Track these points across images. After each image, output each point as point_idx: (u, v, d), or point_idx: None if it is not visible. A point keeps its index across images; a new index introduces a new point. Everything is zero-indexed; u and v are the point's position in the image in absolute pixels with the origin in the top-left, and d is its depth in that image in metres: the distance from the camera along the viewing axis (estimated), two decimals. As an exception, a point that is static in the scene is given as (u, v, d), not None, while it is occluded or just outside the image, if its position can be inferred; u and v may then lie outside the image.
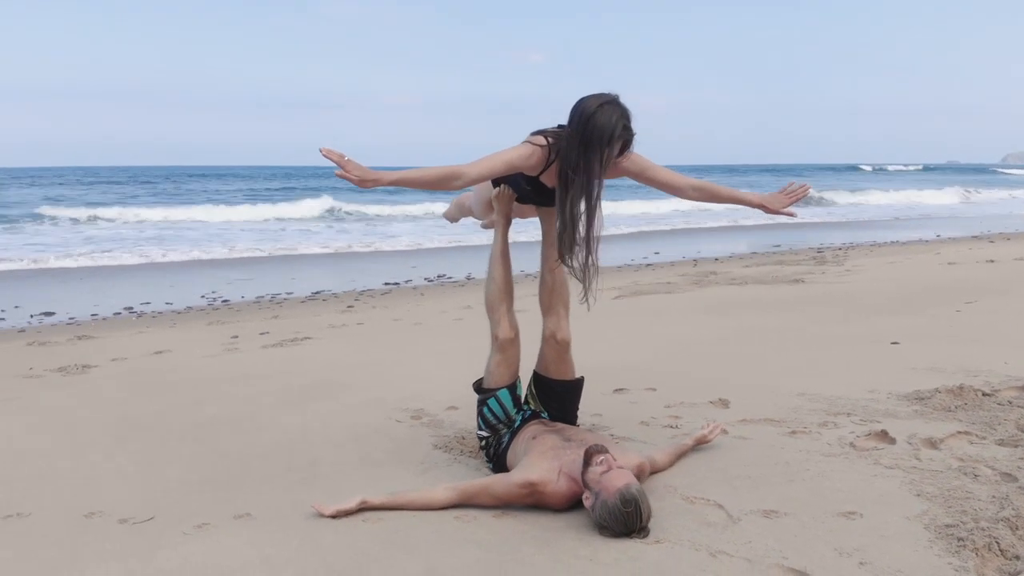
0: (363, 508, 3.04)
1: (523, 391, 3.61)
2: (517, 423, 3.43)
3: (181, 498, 3.29)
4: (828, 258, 12.31)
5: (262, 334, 7.32)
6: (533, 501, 3.01)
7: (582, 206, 3.10)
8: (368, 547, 2.78)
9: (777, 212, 3.50)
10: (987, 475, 3.20)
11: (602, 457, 2.88)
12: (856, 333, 6.17)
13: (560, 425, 3.38)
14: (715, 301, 8.27)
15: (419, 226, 21.05)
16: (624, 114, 3.07)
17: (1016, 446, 3.53)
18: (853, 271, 10.37)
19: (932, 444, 3.60)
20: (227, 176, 60.75)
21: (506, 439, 3.37)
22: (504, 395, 3.45)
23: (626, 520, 2.74)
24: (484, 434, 3.48)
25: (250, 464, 3.71)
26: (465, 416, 4.31)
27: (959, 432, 3.73)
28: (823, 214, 25.97)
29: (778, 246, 15.47)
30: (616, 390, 4.77)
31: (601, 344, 6.19)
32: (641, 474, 3.14)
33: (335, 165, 2.81)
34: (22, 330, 8.19)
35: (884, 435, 3.74)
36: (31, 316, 9.01)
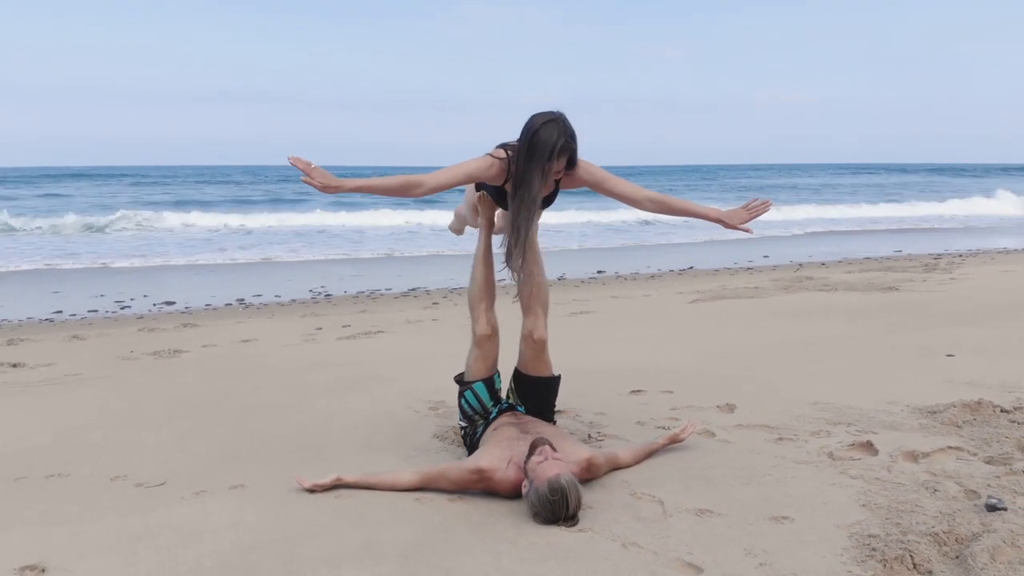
0: (337, 484, 3.37)
1: (503, 386, 3.83)
2: (493, 415, 3.67)
3: (195, 468, 3.74)
4: (940, 265, 11.72)
5: (344, 327, 7.85)
6: (484, 487, 3.25)
7: (522, 215, 3.30)
8: (326, 519, 3.11)
9: (735, 227, 3.56)
10: (950, 491, 3.17)
11: (540, 448, 3.08)
12: (917, 343, 5.99)
13: (527, 419, 3.59)
14: (793, 307, 8.13)
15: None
16: (565, 131, 3.25)
17: (1004, 464, 3.45)
18: (958, 279, 9.86)
19: (913, 458, 3.57)
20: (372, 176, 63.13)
21: (480, 429, 3.62)
22: (480, 388, 3.70)
23: (553, 507, 2.93)
24: (463, 424, 3.74)
25: (267, 443, 4.13)
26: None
27: (950, 447, 3.67)
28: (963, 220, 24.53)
29: (899, 251, 14.78)
30: (633, 391, 4.90)
31: (646, 346, 6.30)
32: (590, 469, 3.31)
33: (302, 172, 3.11)
34: (140, 317, 9.12)
35: (868, 446, 3.73)
36: (153, 304, 9.99)
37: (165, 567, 2.72)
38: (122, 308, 9.83)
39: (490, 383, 3.72)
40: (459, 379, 3.79)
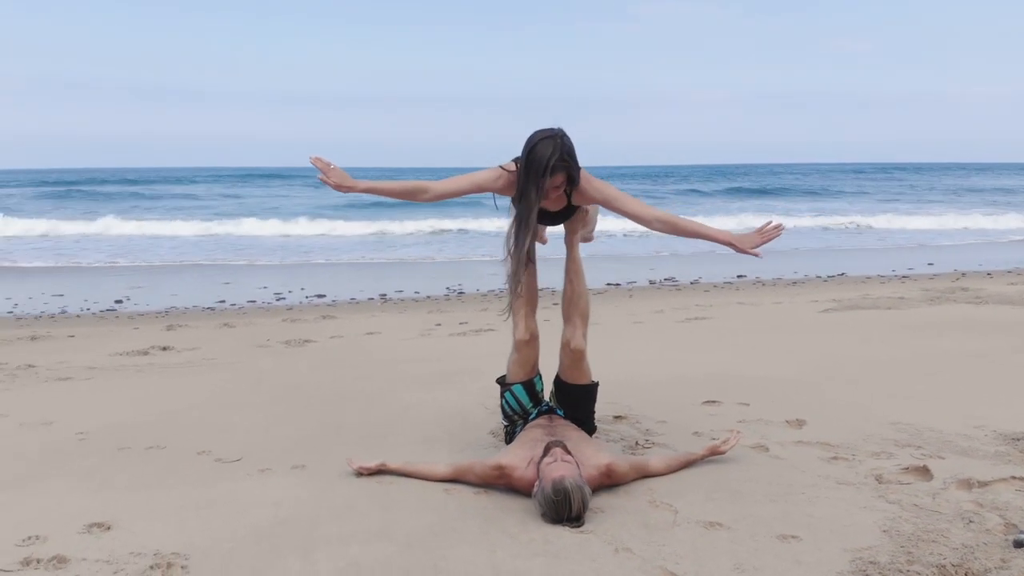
0: (381, 470, 3.64)
1: (545, 388, 3.96)
2: (532, 416, 3.81)
3: (270, 448, 4.13)
4: None
5: (460, 323, 8.20)
6: (505, 483, 3.40)
7: (520, 229, 3.40)
8: (359, 501, 3.38)
9: (746, 252, 3.48)
10: (987, 523, 3.00)
11: (553, 450, 3.20)
12: (1046, 366, 5.51)
13: (560, 423, 3.69)
14: (930, 320, 7.64)
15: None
16: (560, 147, 3.32)
17: (1068, 501, 3.19)
18: None
19: (967, 486, 3.38)
20: None
21: (519, 429, 3.77)
22: (519, 390, 3.84)
23: (556, 508, 3.05)
24: (505, 423, 3.91)
25: (342, 428, 4.48)
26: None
27: (1014, 478, 3.44)
28: None
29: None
30: (707, 402, 4.86)
31: (745, 356, 6.18)
32: (610, 475, 3.37)
33: (320, 171, 3.35)
34: (290, 308, 9.91)
35: (924, 471, 3.56)
36: (305, 297, 10.81)
37: (206, 533, 3.08)
38: (278, 300, 10.71)
39: (529, 385, 3.85)
40: (500, 381, 3.96)
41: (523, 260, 3.51)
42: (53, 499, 3.43)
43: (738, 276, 12.46)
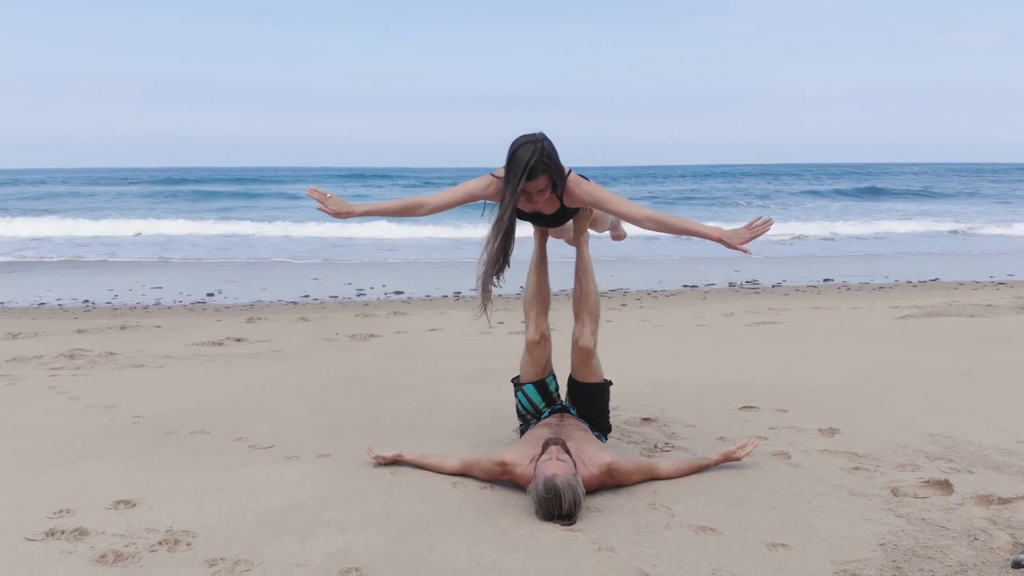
0: (397, 460, 3.77)
1: (561, 389, 3.99)
2: (545, 415, 3.85)
3: (303, 436, 4.32)
4: None
5: (521, 322, 8.27)
6: (508, 479, 3.46)
7: (493, 230, 3.42)
8: (368, 489, 3.51)
9: (736, 247, 3.41)
10: (995, 542, 2.89)
11: (550, 448, 3.24)
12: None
13: (570, 422, 3.72)
14: (1012, 329, 7.25)
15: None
16: (540, 152, 3.32)
17: (1094, 523, 3.02)
18: None
19: (985, 502, 3.24)
20: (674, 176, 62.30)
21: (532, 427, 3.82)
22: (530, 389, 3.89)
23: (547, 505, 3.09)
24: (520, 422, 3.97)
25: (377, 419, 4.64)
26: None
27: (1041, 496, 3.26)
28: None
29: None
30: (744, 407, 4.78)
31: (798, 362, 6.02)
32: (612, 475, 3.39)
33: (317, 200, 3.46)
34: (366, 304, 10.23)
35: (945, 485, 3.43)
36: (384, 294, 11.12)
37: (219, 513, 3.27)
38: (358, 295, 11.06)
39: (541, 385, 3.90)
40: (514, 381, 4.01)
41: (495, 259, 3.48)
42: (94, 476, 3.70)
43: (824, 280, 12.09)
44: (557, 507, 3.08)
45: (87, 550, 2.92)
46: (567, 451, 3.28)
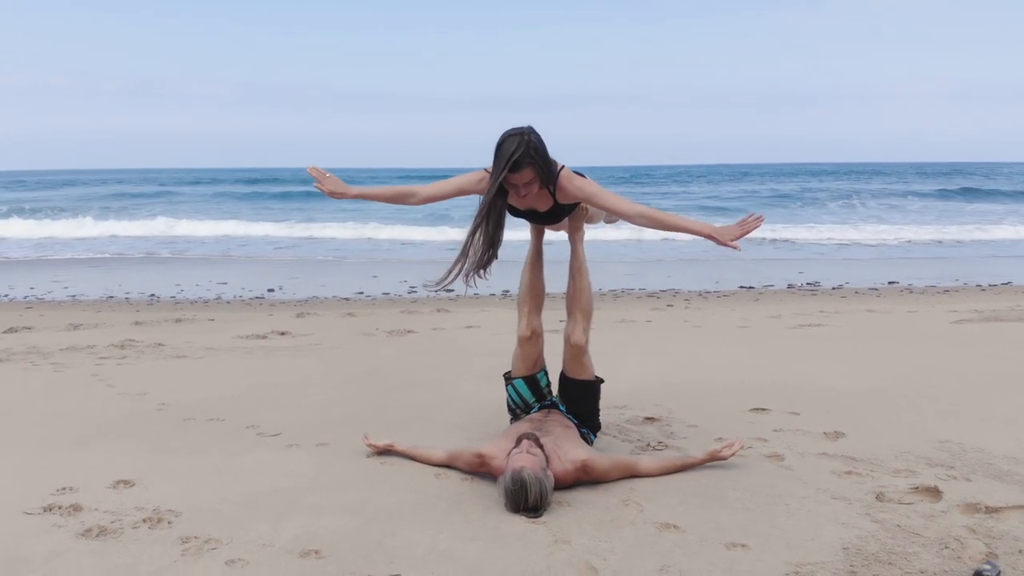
0: (389, 450, 3.87)
1: (550, 383, 4.01)
2: (535, 410, 3.88)
3: (310, 426, 4.46)
4: None
5: (560, 321, 8.28)
6: (486, 471, 3.51)
7: (474, 222, 3.44)
8: (355, 477, 3.62)
9: (726, 244, 3.36)
10: (967, 552, 2.80)
11: (523, 442, 3.28)
12: None
13: (557, 417, 3.74)
14: (1072, 337, 6.89)
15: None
16: (527, 144, 3.34)
17: (1082, 537, 2.89)
18: None
19: (971, 510, 3.14)
20: (756, 175, 60.56)
21: (516, 422, 3.86)
22: (520, 384, 3.93)
23: (513, 497, 3.13)
24: (511, 416, 4.01)
25: (385, 411, 4.75)
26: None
27: (1033, 507, 3.13)
28: None
29: None
30: (754, 409, 4.71)
31: (830, 366, 5.88)
32: (587, 471, 3.40)
33: (316, 179, 3.56)
34: (414, 300, 10.40)
35: (934, 492, 3.33)
36: (435, 291, 11.27)
37: (209, 494, 3.41)
38: (409, 292, 11.26)
39: (532, 381, 3.93)
40: (506, 375, 4.05)
41: (481, 252, 3.49)
42: (104, 458, 3.91)
43: (889, 282, 11.70)
44: (523, 499, 3.12)
45: (76, 525, 3.10)
46: (540, 446, 3.31)
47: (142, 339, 7.39)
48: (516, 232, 4.38)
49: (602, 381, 4.00)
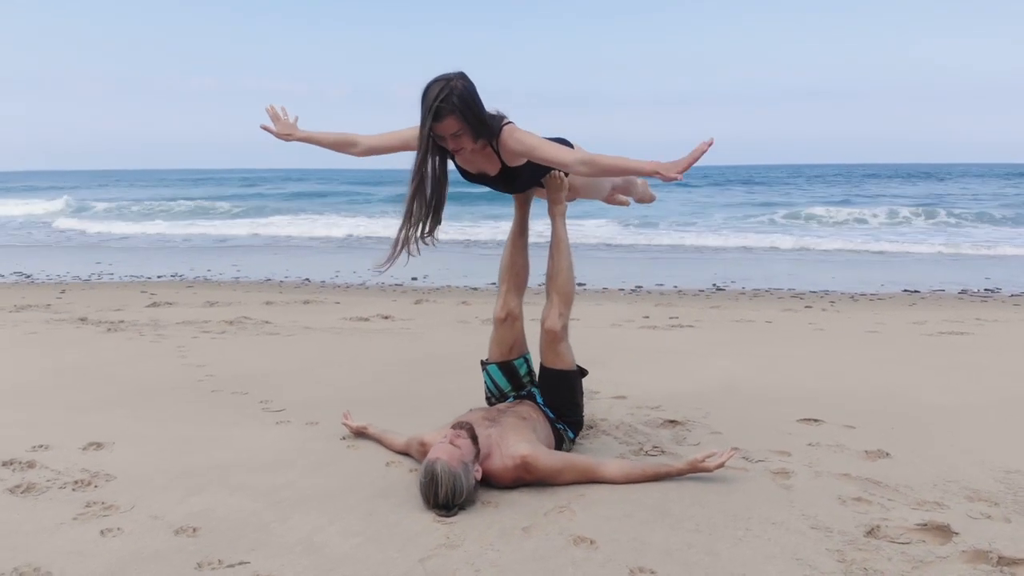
0: (362, 432, 3.70)
1: (531, 372, 3.64)
2: (511, 399, 3.53)
3: (315, 405, 4.35)
4: None
5: (671, 318, 7.73)
6: (430, 458, 3.22)
7: (410, 178, 3.08)
8: (319, 458, 3.50)
9: (670, 178, 2.84)
10: (931, 610, 2.15)
11: (449, 432, 2.96)
12: None
13: (523, 408, 3.37)
14: None
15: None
16: (447, 89, 2.94)
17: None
18: None
19: (980, 558, 2.50)
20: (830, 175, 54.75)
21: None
22: (494, 370, 3.59)
23: (423, 491, 2.85)
24: (486, 405, 3.67)
25: (398, 398, 4.57)
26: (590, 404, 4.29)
27: (1064, 564, 2.39)
28: None
29: None
30: (804, 419, 4.06)
31: (945, 379, 4.99)
32: (527, 469, 3.02)
33: (271, 118, 3.42)
34: (538, 292, 10.13)
35: (945, 532, 2.65)
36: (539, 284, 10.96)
37: (154, 463, 3.38)
38: (539, 285, 11.01)
39: (508, 367, 3.59)
40: (483, 361, 3.72)
41: (422, 212, 3.12)
42: (100, 421, 4.01)
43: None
44: (432, 494, 2.81)
45: (15, 480, 3.17)
46: (473, 437, 2.97)
47: (255, 317, 7.68)
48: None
49: (584, 373, 3.59)
